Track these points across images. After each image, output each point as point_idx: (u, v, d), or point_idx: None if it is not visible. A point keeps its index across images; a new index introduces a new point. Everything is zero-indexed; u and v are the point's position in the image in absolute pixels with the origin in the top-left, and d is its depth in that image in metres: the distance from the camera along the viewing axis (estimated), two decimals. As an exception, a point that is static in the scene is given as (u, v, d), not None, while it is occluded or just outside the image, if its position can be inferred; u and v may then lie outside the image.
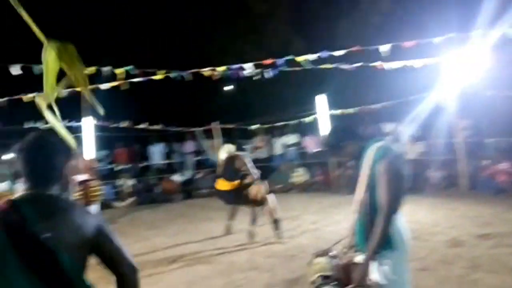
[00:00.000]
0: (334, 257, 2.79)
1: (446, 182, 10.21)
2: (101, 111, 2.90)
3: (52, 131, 1.95)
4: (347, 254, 2.75)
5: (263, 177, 7.75)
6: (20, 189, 1.78)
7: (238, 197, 7.05)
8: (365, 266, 2.51)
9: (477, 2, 7.46)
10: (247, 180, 6.96)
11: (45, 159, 1.78)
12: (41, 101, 2.44)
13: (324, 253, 2.82)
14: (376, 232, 2.48)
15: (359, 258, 2.63)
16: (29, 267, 1.59)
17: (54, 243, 1.62)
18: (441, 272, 4.80)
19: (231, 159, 7.20)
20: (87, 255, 1.74)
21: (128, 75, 8.26)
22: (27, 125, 10.99)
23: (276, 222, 6.85)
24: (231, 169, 7.09)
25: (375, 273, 2.56)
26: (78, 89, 2.86)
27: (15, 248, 1.59)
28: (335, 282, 2.56)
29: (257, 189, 6.88)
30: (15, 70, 7.09)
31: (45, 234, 1.61)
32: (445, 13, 11.00)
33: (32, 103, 8.65)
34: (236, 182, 7.05)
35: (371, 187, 2.56)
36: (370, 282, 2.52)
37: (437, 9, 11.90)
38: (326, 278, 2.59)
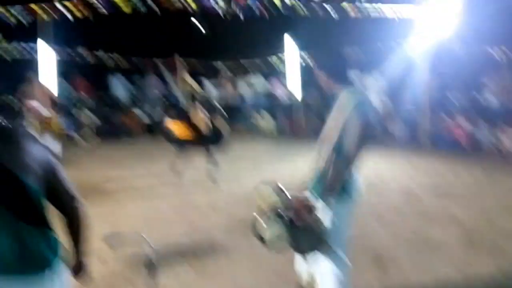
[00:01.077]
0: (283, 191, 2.69)
1: (408, 134, 10.27)
2: None
3: None
4: (301, 191, 2.70)
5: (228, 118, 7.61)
6: None
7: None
8: (309, 202, 2.52)
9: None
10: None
11: None
12: None
13: (273, 184, 2.71)
14: (333, 174, 2.49)
15: (311, 198, 2.60)
16: None
17: (14, 166, 1.55)
18: (395, 224, 4.93)
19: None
20: (39, 183, 1.65)
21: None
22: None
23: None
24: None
25: (323, 213, 2.54)
26: None
27: None
28: (286, 218, 2.49)
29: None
30: None
31: (5, 158, 1.54)
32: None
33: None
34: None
35: (341, 133, 2.51)
36: (316, 219, 2.49)
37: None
38: (279, 215, 2.52)
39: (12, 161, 1.56)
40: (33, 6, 8.23)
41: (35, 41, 9.46)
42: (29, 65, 9.75)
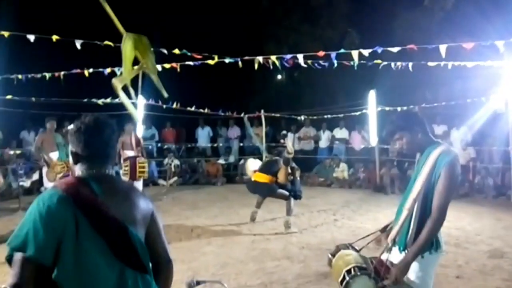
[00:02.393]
0: (357, 250, 2.81)
1: (496, 191, 9.85)
2: (165, 94, 3.18)
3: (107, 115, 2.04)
4: (385, 249, 2.75)
5: (307, 169, 7.87)
6: (77, 169, 1.86)
7: (272, 190, 7.26)
8: (406, 265, 2.53)
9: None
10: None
11: (105, 141, 1.87)
12: (117, 83, 2.75)
13: (347, 246, 2.83)
14: (426, 233, 2.50)
15: (396, 255, 2.64)
16: (103, 238, 1.68)
17: (124, 219, 1.74)
18: (477, 282, 4.68)
19: (273, 161, 7.49)
20: (143, 234, 1.84)
21: (183, 58, 8.45)
22: (87, 99, 11.47)
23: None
24: (271, 168, 7.33)
25: (411, 273, 2.57)
26: (150, 75, 3.16)
27: (89, 221, 1.67)
28: (372, 274, 2.57)
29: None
30: (79, 43, 7.41)
31: (114, 209, 1.73)
32: (508, 16, 10.48)
33: (91, 78, 9.09)
34: (272, 176, 7.24)
35: (428, 189, 2.56)
36: (406, 281, 2.53)
37: (500, 11, 11.35)
38: (362, 269, 2.60)
39: (122, 213, 1.74)
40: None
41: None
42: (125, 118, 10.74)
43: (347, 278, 2.59)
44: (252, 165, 7.89)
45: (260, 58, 8.32)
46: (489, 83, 9.12)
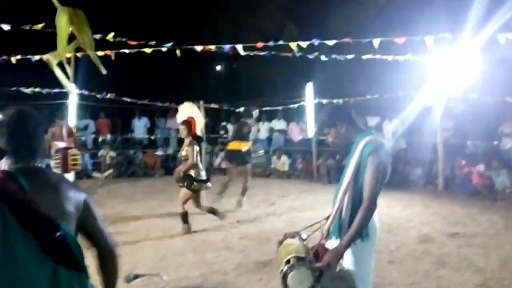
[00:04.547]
0: (304, 239, 2.86)
1: (424, 180, 10.39)
2: (103, 70, 3.00)
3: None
4: (322, 239, 2.81)
5: (245, 161, 7.93)
6: (3, 163, 1.76)
7: (247, 159, 8.01)
8: (340, 252, 2.58)
9: (467, 4, 7.55)
10: None
11: (30, 134, 1.78)
12: (52, 59, 2.57)
13: (293, 235, 2.88)
14: (357, 221, 2.56)
15: (333, 243, 2.70)
16: (32, 235, 1.59)
17: (53, 214, 1.65)
18: (408, 266, 4.91)
19: (242, 124, 8.15)
20: (75, 227, 1.77)
21: (118, 46, 8.15)
22: (14, 88, 10.80)
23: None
24: (242, 132, 8.06)
25: (345, 259, 2.63)
26: (87, 50, 2.94)
27: (16, 217, 1.58)
28: (309, 265, 2.61)
29: None
30: (6, 27, 6.94)
31: (43, 205, 1.64)
32: (437, 12, 11.06)
33: (18, 66, 8.54)
34: (249, 143, 8.02)
35: (356, 179, 2.63)
36: (340, 267, 2.59)
37: (430, 8, 11.95)
38: (300, 259, 2.63)
39: (52, 209, 1.66)
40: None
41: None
42: (57, 107, 10.24)
43: (285, 269, 2.61)
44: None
45: (199, 48, 8.21)
46: (419, 77, 9.56)
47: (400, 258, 5.20)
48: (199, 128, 6.56)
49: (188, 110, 6.73)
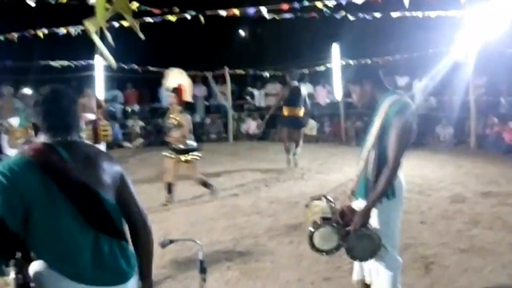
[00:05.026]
0: (331, 201, 2.89)
1: (456, 139, 10.18)
2: (142, 36, 2.94)
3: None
4: (348, 199, 2.83)
5: (271, 125, 7.92)
6: (41, 138, 1.80)
7: (303, 123, 8.50)
8: (366, 212, 2.61)
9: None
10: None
11: (64, 111, 1.82)
12: (90, 25, 2.54)
13: (321, 197, 2.90)
14: (382, 181, 2.57)
15: (359, 203, 2.71)
16: (74, 204, 1.65)
17: (93, 183, 1.71)
18: (440, 226, 4.87)
19: (295, 88, 8.36)
20: (114, 198, 1.81)
21: (141, 14, 8.11)
22: (42, 62, 10.95)
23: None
24: (298, 97, 8.35)
25: (372, 218, 2.64)
26: (124, 15, 2.87)
27: (59, 187, 1.63)
28: (335, 224, 2.64)
29: None
30: (32, 1, 6.95)
31: (83, 175, 1.70)
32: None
33: (47, 39, 8.62)
34: (303, 109, 8.34)
35: (381, 138, 2.61)
36: (368, 226, 2.60)
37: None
38: (326, 219, 2.67)
39: (91, 178, 1.71)
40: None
41: (91, 57, 9.94)
42: (85, 79, 10.38)
43: (311, 229, 2.65)
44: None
45: (223, 12, 8.10)
46: (451, 33, 9.21)
47: (432, 218, 5.16)
48: (188, 95, 6.43)
49: (176, 77, 6.59)
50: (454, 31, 9.07)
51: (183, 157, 6.13)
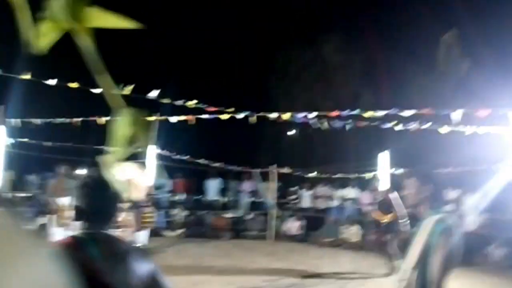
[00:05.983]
0: None
1: (509, 261, 9.50)
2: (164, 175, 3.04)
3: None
4: None
5: (314, 228, 7.75)
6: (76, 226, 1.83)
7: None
8: None
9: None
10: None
11: (109, 198, 1.86)
12: (105, 163, 2.65)
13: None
14: None
15: None
16: None
17: (118, 284, 1.69)
18: None
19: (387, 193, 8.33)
20: None
21: (195, 110, 8.55)
22: (98, 145, 11.56)
23: None
24: (388, 204, 8.23)
25: None
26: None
27: (83, 285, 1.60)
28: None
29: None
30: (97, 91, 7.51)
31: (110, 275, 1.68)
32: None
33: (103, 126, 9.18)
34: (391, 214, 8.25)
35: (424, 259, 2.48)
36: None
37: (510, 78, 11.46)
38: None
39: (118, 278, 1.68)
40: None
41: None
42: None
43: None
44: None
45: (273, 115, 8.40)
46: (502, 151, 9.03)
47: None
48: (139, 191, 6.13)
49: (131, 170, 6.36)
50: (506, 148, 8.90)
51: None
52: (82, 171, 10.53)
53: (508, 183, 9.25)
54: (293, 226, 13.15)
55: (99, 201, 1.83)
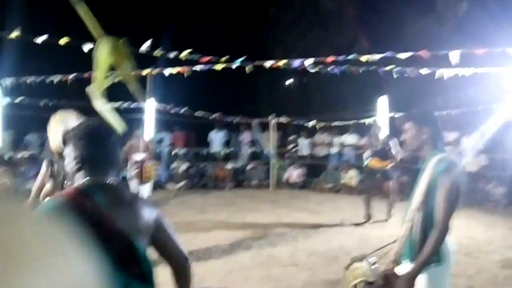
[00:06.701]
0: (373, 263, 2.77)
1: (507, 199, 9.71)
2: (143, 100, 3.05)
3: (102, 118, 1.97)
4: (392, 262, 2.70)
5: (314, 175, 7.84)
6: (78, 177, 1.80)
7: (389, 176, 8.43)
8: (412, 278, 2.46)
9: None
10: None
11: (108, 149, 1.84)
12: (92, 92, 2.60)
13: (362, 258, 2.79)
14: (429, 245, 2.44)
15: (404, 268, 2.59)
16: (107, 250, 1.59)
17: (127, 229, 1.70)
18: (489, 293, 4.58)
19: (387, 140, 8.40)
20: (147, 243, 1.82)
21: (190, 62, 8.42)
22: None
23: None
24: (387, 151, 8.35)
25: (419, 285, 2.50)
26: (126, 84, 2.96)
27: (92, 233, 1.62)
28: None
29: None
30: (86, 48, 7.35)
31: (118, 220, 1.69)
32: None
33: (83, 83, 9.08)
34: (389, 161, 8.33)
35: (428, 199, 2.51)
36: None
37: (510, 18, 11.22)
38: (369, 284, 2.56)
39: (125, 224, 1.70)
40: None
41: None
42: (133, 122, 10.78)
43: None
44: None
45: (268, 63, 8.29)
46: (500, 90, 8.99)
47: (480, 283, 4.87)
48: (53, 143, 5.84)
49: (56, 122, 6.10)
50: (503, 88, 8.86)
51: None
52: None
53: (506, 122, 9.29)
54: (294, 174, 13.33)
55: (101, 150, 1.80)
